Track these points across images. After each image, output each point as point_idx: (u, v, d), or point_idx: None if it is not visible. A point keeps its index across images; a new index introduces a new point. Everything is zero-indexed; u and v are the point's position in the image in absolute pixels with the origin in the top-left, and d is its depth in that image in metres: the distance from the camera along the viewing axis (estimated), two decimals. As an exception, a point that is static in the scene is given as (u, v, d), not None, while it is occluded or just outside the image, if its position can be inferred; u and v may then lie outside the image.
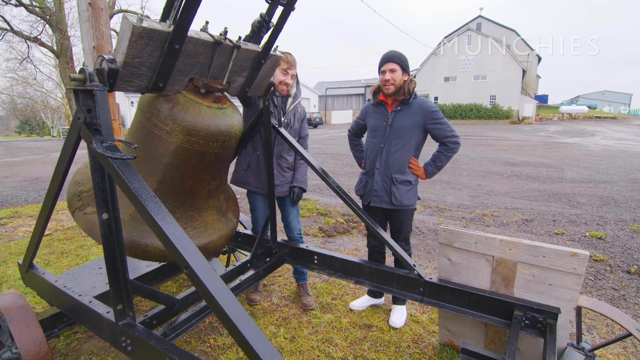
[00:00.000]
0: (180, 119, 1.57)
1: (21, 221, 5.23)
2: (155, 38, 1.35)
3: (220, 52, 1.61)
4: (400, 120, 2.43)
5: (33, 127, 41.42)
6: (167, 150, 1.63)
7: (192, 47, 1.49)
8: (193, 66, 1.56)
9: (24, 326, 1.65)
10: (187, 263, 1.12)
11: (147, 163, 1.65)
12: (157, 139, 1.62)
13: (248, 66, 1.82)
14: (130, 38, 1.29)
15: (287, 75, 2.57)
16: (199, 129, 1.61)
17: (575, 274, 1.66)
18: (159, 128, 1.60)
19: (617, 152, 13.19)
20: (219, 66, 1.66)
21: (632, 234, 4.59)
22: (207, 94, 1.66)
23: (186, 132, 1.59)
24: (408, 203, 2.48)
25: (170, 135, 1.60)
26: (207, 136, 1.64)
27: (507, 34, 40.68)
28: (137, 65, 1.38)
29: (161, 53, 1.41)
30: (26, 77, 28.50)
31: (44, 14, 16.90)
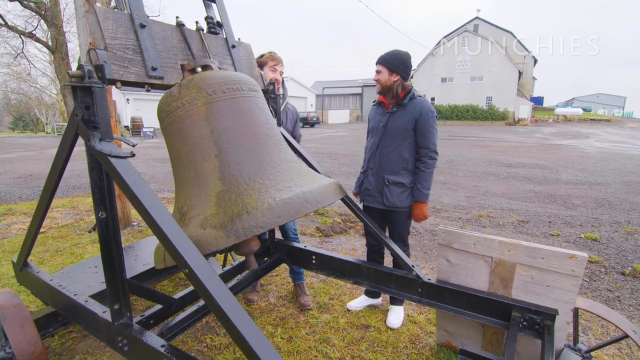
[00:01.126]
0: (192, 83, 1.41)
1: (15, 218, 5.17)
2: (119, 19, 1.44)
3: (190, 35, 1.69)
4: (394, 122, 2.44)
5: (27, 123, 41.02)
6: (200, 118, 1.39)
7: (161, 30, 1.59)
8: (173, 49, 1.62)
9: (18, 325, 1.63)
10: (186, 263, 1.11)
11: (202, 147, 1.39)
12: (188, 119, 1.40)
13: (225, 52, 1.88)
14: (100, 22, 1.37)
15: (276, 72, 2.61)
16: (214, 81, 1.43)
17: (573, 275, 1.67)
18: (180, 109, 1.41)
19: (611, 154, 13.31)
20: (199, 51, 1.72)
21: (627, 236, 4.63)
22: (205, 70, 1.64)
23: (203, 89, 1.40)
24: (401, 205, 2.47)
25: (193, 104, 1.40)
26: (225, 84, 1.45)
27: (503, 36, 40.92)
28: (121, 48, 1.42)
29: (135, 34, 1.48)
30: (20, 72, 28.21)
31: (39, 9, 16.71)
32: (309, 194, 1.31)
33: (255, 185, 1.29)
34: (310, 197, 1.31)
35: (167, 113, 1.45)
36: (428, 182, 2.45)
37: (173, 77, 1.60)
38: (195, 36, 1.74)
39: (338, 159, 11.55)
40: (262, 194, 1.27)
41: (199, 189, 1.33)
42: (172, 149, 1.47)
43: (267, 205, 1.23)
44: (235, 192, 1.28)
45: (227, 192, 1.28)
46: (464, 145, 16.31)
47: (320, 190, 1.37)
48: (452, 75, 39.50)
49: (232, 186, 1.29)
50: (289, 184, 1.35)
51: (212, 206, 1.28)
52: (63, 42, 17.12)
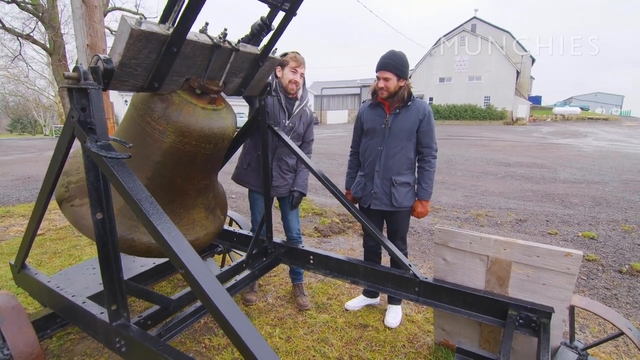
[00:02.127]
0: (174, 120, 1.56)
1: (13, 221, 5.17)
2: (153, 41, 1.33)
3: (219, 55, 1.59)
4: (399, 123, 2.43)
5: (25, 125, 40.92)
6: (159, 149, 1.61)
7: (190, 50, 1.47)
8: (190, 67, 1.55)
9: (16, 327, 1.63)
10: (182, 263, 1.12)
11: (137, 159, 1.63)
12: (149, 137, 1.60)
13: (245, 67, 1.80)
14: (128, 40, 1.27)
15: (296, 74, 2.55)
16: (192, 131, 1.60)
17: (569, 273, 1.68)
18: (151, 127, 1.58)
19: (609, 153, 13.35)
20: (216, 67, 1.65)
21: (624, 234, 4.64)
22: (202, 95, 1.65)
23: (179, 132, 1.58)
24: (408, 204, 2.50)
25: (163, 135, 1.58)
26: (200, 138, 1.64)
27: (501, 36, 41.00)
28: (133, 66, 1.36)
29: (158, 55, 1.39)
30: (18, 74, 28.15)
31: (36, 11, 16.69)
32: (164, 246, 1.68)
33: None
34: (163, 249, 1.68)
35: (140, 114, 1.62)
36: (432, 181, 2.49)
37: (169, 88, 1.57)
38: (224, 54, 1.62)
39: (336, 159, 11.57)
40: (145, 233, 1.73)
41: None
42: (125, 128, 1.73)
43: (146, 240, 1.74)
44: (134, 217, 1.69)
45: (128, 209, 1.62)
46: (462, 144, 16.34)
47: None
48: (450, 75, 39.54)
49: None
50: None
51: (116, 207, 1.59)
52: (61, 44, 17.10)
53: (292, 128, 2.65)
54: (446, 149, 14.14)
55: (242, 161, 2.72)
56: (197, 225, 1.97)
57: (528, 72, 47.42)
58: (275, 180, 2.66)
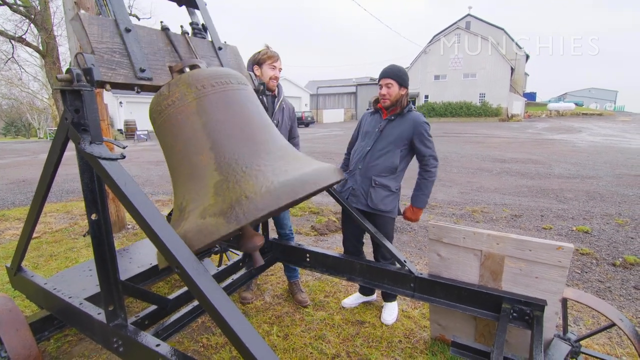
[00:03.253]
0: (181, 81, 1.43)
1: (8, 224, 5.14)
2: (104, 24, 1.45)
3: (176, 39, 1.70)
4: (391, 129, 2.47)
5: (19, 128, 40.60)
6: (192, 113, 1.40)
7: (146, 33, 1.59)
8: (160, 52, 1.62)
9: (13, 330, 1.63)
10: (178, 262, 1.13)
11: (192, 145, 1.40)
12: (180, 115, 1.41)
13: (212, 54, 1.89)
14: (85, 28, 1.38)
15: (275, 69, 2.57)
16: (202, 76, 1.45)
17: (561, 266, 1.71)
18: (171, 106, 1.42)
19: (603, 148, 13.46)
20: (186, 53, 1.72)
21: (617, 228, 4.70)
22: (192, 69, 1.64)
23: (192, 84, 1.42)
24: (384, 209, 2.47)
25: (183, 100, 1.41)
26: (213, 78, 1.46)
27: (495, 33, 41.18)
28: (107, 51, 1.42)
29: (121, 38, 1.48)
30: (11, 77, 27.92)
31: (28, 13, 16.54)
32: (306, 176, 1.31)
33: (252, 172, 1.29)
34: (308, 178, 1.32)
35: (158, 113, 1.46)
36: (429, 190, 2.49)
37: (162, 79, 1.61)
38: (181, 39, 1.75)
39: (333, 158, 11.58)
40: (260, 179, 1.27)
41: (195, 183, 1.34)
42: (166, 147, 1.48)
43: (266, 188, 1.22)
44: (232, 180, 1.29)
45: (224, 181, 1.29)
46: (457, 141, 16.41)
47: (317, 172, 1.37)
48: (445, 73, 39.66)
49: (229, 175, 1.29)
50: (285, 168, 1.35)
51: (210, 197, 1.28)
52: (54, 46, 16.96)
53: (278, 124, 2.66)
54: (442, 146, 14.19)
55: None
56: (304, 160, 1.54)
57: (522, 69, 47.64)
58: None
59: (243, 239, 1.52)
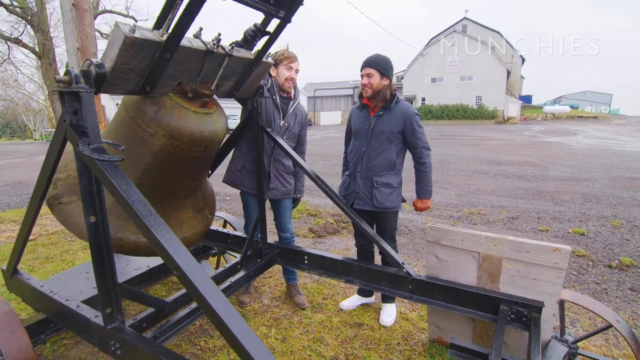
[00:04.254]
0: (166, 123, 1.56)
1: (3, 226, 5.10)
2: (146, 47, 1.34)
3: (212, 60, 1.59)
4: (381, 125, 2.47)
5: (14, 130, 40.30)
6: (149, 151, 1.62)
7: (184, 55, 1.47)
8: (182, 72, 1.55)
9: (9, 332, 1.62)
10: (177, 265, 1.12)
11: (127, 160, 1.58)
12: (139, 139, 1.61)
13: (238, 72, 1.81)
14: (122, 47, 1.27)
15: (291, 71, 2.54)
16: (183, 134, 1.61)
17: (558, 268, 1.72)
18: (142, 129, 1.59)
19: (598, 150, 13.57)
20: (208, 72, 1.65)
21: (613, 230, 4.73)
22: (194, 98, 1.66)
23: (170, 136, 1.59)
24: (390, 205, 2.51)
25: (154, 138, 1.59)
26: (190, 141, 1.64)
27: (491, 36, 41.46)
28: (126, 70, 1.36)
29: (151, 60, 1.39)
30: (6, 78, 27.75)
31: (25, 14, 16.47)
32: None
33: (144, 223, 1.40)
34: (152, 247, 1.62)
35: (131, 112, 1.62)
36: (430, 180, 2.52)
37: (161, 91, 1.57)
38: (218, 60, 1.61)
39: (330, 160, 11.59)
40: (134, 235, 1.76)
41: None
42: (119, 123, 1.71)
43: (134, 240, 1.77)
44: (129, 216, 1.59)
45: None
46: (454, 144, 16.48)
47: None
48: (442, 75, 39.84)
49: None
50: None
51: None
52: (50, 48, 16.89)
53: (288, 128, 2.64)
54: (439, 149, 14.25)
55: (235, 163, 2.66)
56: (185, 225, 2.00)
57: (518, 72, 47.98)
58: (273, 182, 2.65)
59: None
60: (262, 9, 1.57)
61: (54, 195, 1.77)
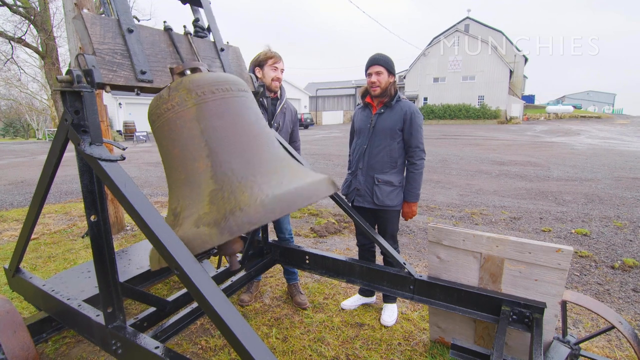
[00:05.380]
0: (182, 85, 1.42)
1: (6, 225, 5.12)
2: (107, 24, 1.45)
3: (178, 39, 1.70)
4: (382, 123, 2.49)
5: (17, 129, 40.52)
6: (190, 119, 1.40)
7: (148, 34, 1.60)
8: (162, 53, 1.63)
9: (11, 331, 1.63)
10: (177, 264, 1.12)
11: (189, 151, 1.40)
12: (178, 120, 1.40)
13: (214, 55, 1.89)
14: (88, 28, 1.39)
15: (277, 71, 2.55)
16: (203, 82, 1.44)
17: (560, 269, 1.71)
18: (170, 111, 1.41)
19: (601, 150, 13.50)
20: (188, 55, 1.73)
21: (616, 230, 4.70)
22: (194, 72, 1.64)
23: (192, 90, 1.41)
24: (391, 204, 2.51)
25: (183, 105, 1.40)
26: (213, 84, 1.45)
27: (494, 35, 41.33)
28: (109, 52, 1.42)
29: (123, 39, 1.49)
30: (10, 78, 27.89)
31: (28, 14, 16.56)
32: (301, 189, 1.32)
33: (247, 183, 1.30)
34: (303, 192, 1.32)
35: (157, 116, 1.45)
36: (418, 183, 2.52)
37: (162, 81, 1.61)
38: (183, 40, 1.75)
39: (332, 159, 11.59)
40: (255, 191, 1.28)
41: (191, 189, 1.35)
42: (163, 150, 1.48)
43: (260, 201, 1.23)
44: (227, 190, 1.29)
45: (219, 190, 1.29)
46: (457, 144, 16.44)
47: (312, 185, 1.38)
48: (444, 75, 39.77)
49: (225, 184, 1.30)
50: (281, 181, 1.36)
51: (205, 205, 1.29)
52: (53, 47, 16.97)
53: (278, 128, 2.64)
54: (441, 149, 14.22)
55: None
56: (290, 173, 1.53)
57: (521, 72, 47.82)
58: None
59: None
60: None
61: None
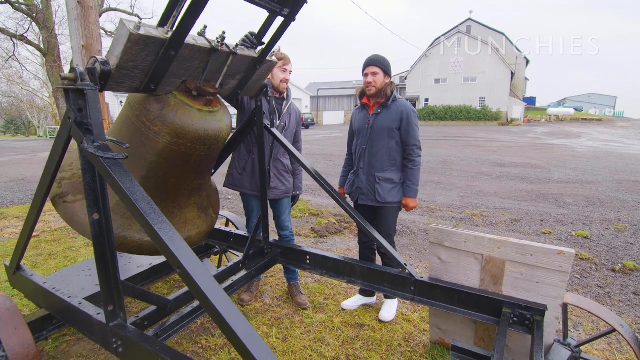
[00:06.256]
0: (170, 121, 1.56)
1: (7, 222, 5.13)
2: (151, 44, 1.35)
3: (216, 58, 1.60)
4: (379, 122, 2.55)
5: (19, 126, 40.52)
6: (154, 149, 1.62)
7: (188, 53, 1.49)
8: (187, 70, 1.56)
9: (11, 329, 1.62)
10: (180, 263, 1.12)
11: (131, 159, 1.60)
12: (144, 137, 1.61)
13: (243, 70, 1.83)
14: (126, 44, 1.29)
15: (285, 72, 2.59)
16: (188, 133, 1.60)
17: (562, 271, 1.70)
18: (147, 127, 1.59)
19: (602, 153, 13.48)
20: (213, 70, 1.66)
21: (617, 233, 4.70)
22: (198, 97, 1.66)
23: (174, 134, 1.59)
24: (392, 200, 2.57)
25: (158, 136, 1.58)
26: (195, 139, 1.64)
27: (496, 37, 41.31)
28: (131, 68, 1.37)
29: (156, 58, 1.41)
30: (11, 75, 27.93)
31: (30, 11, 16.58)
32: None
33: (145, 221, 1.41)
34: None
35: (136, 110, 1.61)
36: (417, 179, 2.55)
37: (167, 89, 1.58)
38: (222, 58, 1.63)
39: (333, 160, 11.58)
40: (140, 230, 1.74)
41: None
42: (123, 121, 1.70)
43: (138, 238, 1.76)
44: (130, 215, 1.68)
45: None
46: (457, 145, 16.43)
47: None
48: (445, 76, 39.76)
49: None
50: None
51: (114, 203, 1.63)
52: (55, 45, 17.00)
53: (284, 127, 2.69)
54: (442, 150, 14.21)
55: (235, 166, 2.68)
56: (189, 224, 1.99)
57: (522, 73, 47.77)
58: (273, 182, 2.67)
59: None
60: (266, 7, 1.58)
61: (58, 193, 1.78)
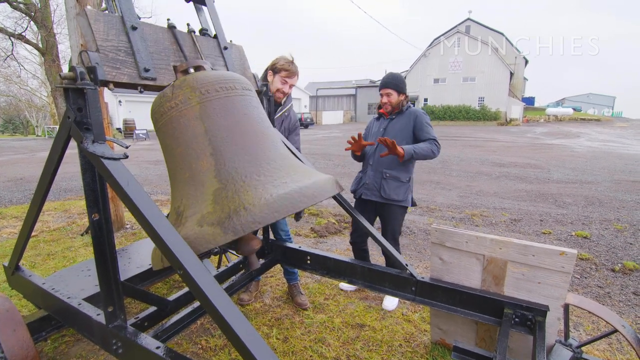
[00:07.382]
0: (185, 83, 1.41)
1: (5, 222, 5.10)
2: (110, 21, 1.44)
3: (182, 37, 1.70)
4: (393, 126, 2.72)
5: (17, 126, 40.42)
6: (194, 117, 1.38)
7: (152, 31, 1.59)
8: (165, 51, 1.62)
9: (10, 330, 1.61)
10: (180, 264, 1.11)
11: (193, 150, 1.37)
12: (182, 119, 1.38)
13: (218, 54, 1.89)
14: (90, 23, 1.37)
15: (285, 85, 2.54)
16: (207, 80, 1.42)
17: (564, 272, 1.70)
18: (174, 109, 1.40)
19: (601, 153, 13.51)
20: (191, 53, 1.72)
21: (616, 233, 4.70)
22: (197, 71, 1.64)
23: (197, 88, 1.39)
24: (397, 198, 2.62)
25: (187, 103, 1.39)
26: (217, 82, 1.44)
27: (495, 37, 41.36)
28: (112, 49, 1.42)
29: (127, 36, 1.48)
30: (10, 74, 27.83)
31: (28, 10, 16.52)
32: (305, 189, 1.31)
33: (251, 182, 1.29)
34: (307, 191, 1.31)
35: (160, 114, 1.44)
36: (420, 150, 2.52)
37: (166, 79, 1.60)
38: (187, 38, 1.74)
39: (332, 159, 11.58)
40: (259, 190, 1.26)
41: (195, 188, 1.33)
42: (166, 149, 1.47)
43: (264, 200, 1.22)
44: (231, 189, 1.28)
45: (223, 189, 1.28)
46: (457, 145, 16.44)
47: (316, 185, 1.37)
48: (444, 76, 39.80)
49: (229, 183, 1.29)
50: (285, 180, 1.35)
51: (208, 204, 1.27)
52: (54, 44, 16.94)
53: None
54: (441, 150, 14.21)
55: None
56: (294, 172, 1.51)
57: (521, 73, 47.85)
58: None
59: (240, 241, 1.52)
60: None
61: None
